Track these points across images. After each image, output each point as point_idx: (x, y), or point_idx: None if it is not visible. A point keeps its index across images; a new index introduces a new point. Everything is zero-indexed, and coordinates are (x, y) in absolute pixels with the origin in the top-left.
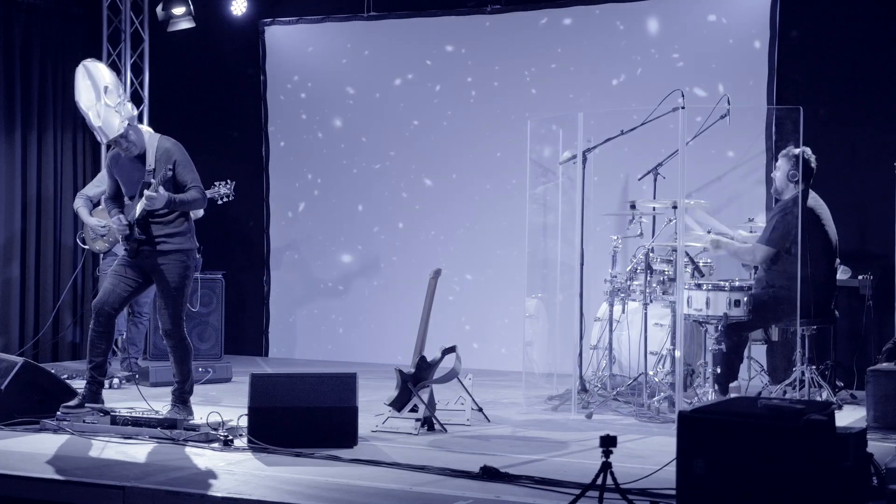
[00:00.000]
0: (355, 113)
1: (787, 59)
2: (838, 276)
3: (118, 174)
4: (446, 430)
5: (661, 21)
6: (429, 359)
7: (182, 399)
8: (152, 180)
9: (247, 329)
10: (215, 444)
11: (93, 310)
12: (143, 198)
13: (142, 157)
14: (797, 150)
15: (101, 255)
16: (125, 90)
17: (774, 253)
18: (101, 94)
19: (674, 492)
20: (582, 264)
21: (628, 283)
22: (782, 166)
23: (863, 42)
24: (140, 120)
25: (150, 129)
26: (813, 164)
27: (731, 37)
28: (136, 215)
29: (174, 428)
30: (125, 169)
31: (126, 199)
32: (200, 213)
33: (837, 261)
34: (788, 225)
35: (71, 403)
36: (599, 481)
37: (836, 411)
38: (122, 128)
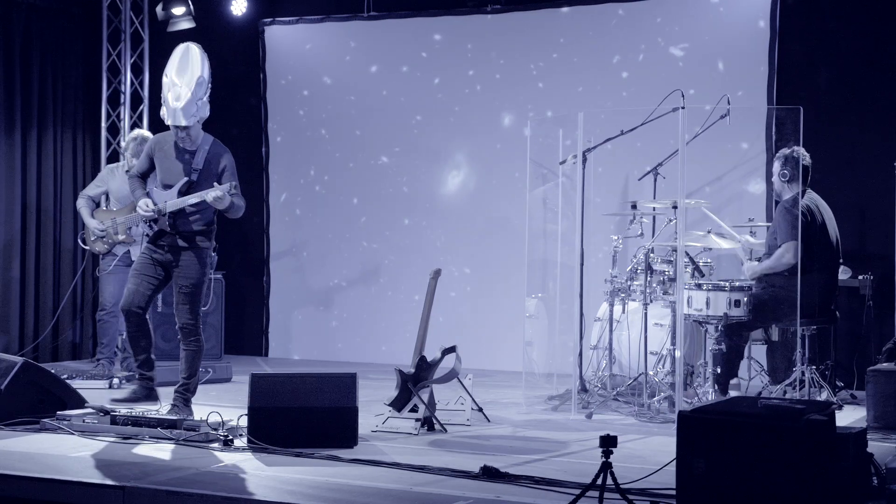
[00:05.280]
0: (356, 112)
1: (787, 59)
2: (839, 276)
3: (159, 158)
4: (446, 430)
5: (663, 19)
6: (429, 359)
7: (185, 398)
8: (193, 179)
9: (247, 329)
10: (215, 444)
11: (122, 313)
12: (210, 197)
13: (192, 153)
14: (787, 151)
15: (101, 256)
16: (125, 91)
17: (797, 244)
18: (194, 81)
19: (674, 492)
20: (582, 264)
21: (628, 283)
22: (776, 168)
23: (863, 42)
24: (140, 120)
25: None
26: (804, 163)
27: (731, 36)
28: (172, 207)
29: (174, 428)
30: (169, 157)
31: (160, 185)
32: None
33: (840, 261)
34: (796, 220)
35: (118, 396)
36: (599, 481)
37: (836, 411)
38: (191, 122)
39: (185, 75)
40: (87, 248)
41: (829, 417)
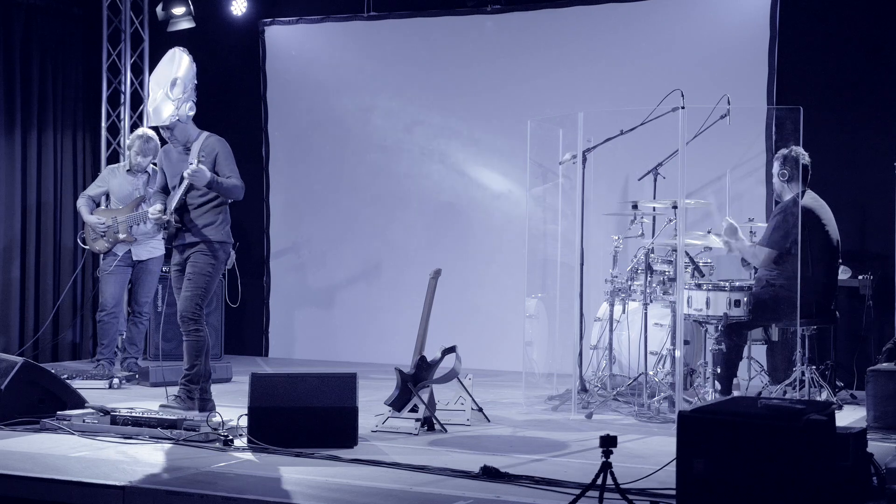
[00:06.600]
0: (356, 112)
1: (787, 59)
2: (838, 276)
3: (166, 166)
4: (446, 430)
5: (663, 19)
6: (429, 359)
7: (187, 389)
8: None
9: (247, 329)
10: (215, 444)
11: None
12: (185, 173)
13: (189, 152)
14: (786, 151)
15: (101, 256)
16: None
17: (776, 255)
18: (169, 83)
19: (674, 492)
20: (582, 264)
21: (629, 283)
22: (776, 168)
23: (863, 42)
24: (140, 120)
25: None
26: (803, 162)
27: (731, 37)
28: (176, 202)
29: (174, 428)
30: (173, 161)
31: (171, 190)
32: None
33: (839, 261)
34: (788, 225)
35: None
36: (599, 481)
37: (836, 411)
38: (170, 120)
39: (163, 79)
40: (87, 247)
41: (829, 417)
